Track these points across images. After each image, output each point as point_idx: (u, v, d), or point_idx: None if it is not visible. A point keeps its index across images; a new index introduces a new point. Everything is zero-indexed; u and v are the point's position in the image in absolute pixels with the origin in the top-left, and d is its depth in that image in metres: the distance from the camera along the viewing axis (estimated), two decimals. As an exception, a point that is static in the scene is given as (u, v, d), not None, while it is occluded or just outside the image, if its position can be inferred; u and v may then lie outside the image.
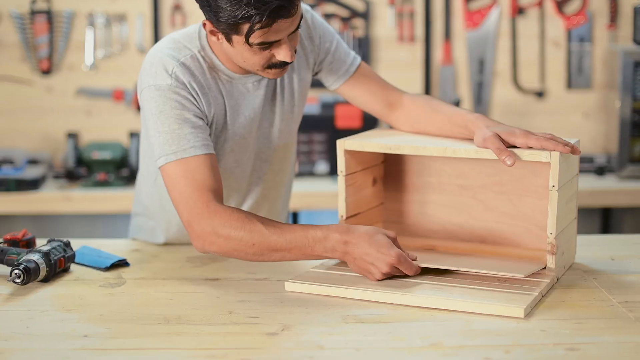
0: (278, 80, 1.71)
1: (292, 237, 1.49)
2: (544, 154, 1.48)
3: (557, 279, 1.53)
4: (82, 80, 3.57)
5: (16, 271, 1.50)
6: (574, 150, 1.51)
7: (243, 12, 1.43)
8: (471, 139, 1.60)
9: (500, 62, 3.63)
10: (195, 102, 1.59)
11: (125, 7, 3.55)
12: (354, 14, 3.59)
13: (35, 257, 1.54)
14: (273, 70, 1.57)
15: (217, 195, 1.54)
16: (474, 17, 3.60)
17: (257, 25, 1.45)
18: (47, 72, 3.55)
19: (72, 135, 3.32)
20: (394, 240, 1.52)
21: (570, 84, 3.62)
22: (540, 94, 3.63)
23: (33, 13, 3.50)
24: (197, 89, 1.59)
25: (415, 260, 1.53)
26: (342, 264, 1.61)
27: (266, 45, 1.51)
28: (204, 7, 1.50)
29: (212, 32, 1.55)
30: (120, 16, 3.55)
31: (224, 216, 1.50)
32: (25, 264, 1.52)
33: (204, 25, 1.56)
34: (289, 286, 1.51)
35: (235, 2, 1.43)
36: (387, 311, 1.39)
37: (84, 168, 3.29)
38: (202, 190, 1.52)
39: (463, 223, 1.75)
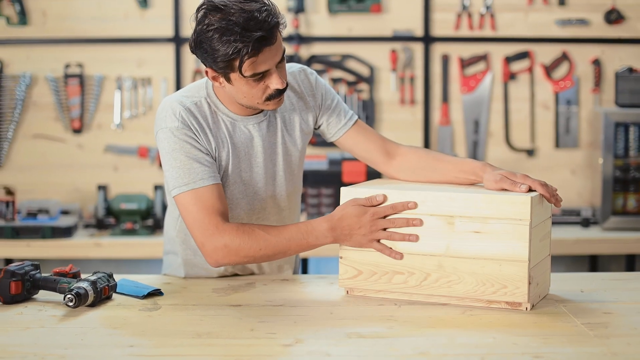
0: (279, 124, 1.97)
1: (289, 235, 1.78)
2: (522, 197, 1.74)
3: (533, 306, 1.77)
4: (110, 139, 3.78)
5: (69, 296, 1.74)
6: (557, 201, 1.83)
7: (233, 48, 1.72)
8: (472, 184, 1.89)
9: (493, 123, 3.81)
10: (199, 141, 1.86)
11: (151, 72, 3.77)
12: (360, 78, 3.79)
13: (84, 284, 1.78)
14: (272, 101, 1.84)
15: (225, 216, 1.82)
16: (470, 82, 3.80)
17: (246, 56, 1.73)
18: (78, 130, 3.76)
19: (102, 188, 3.51)
20: (366, 202, 1.80)
21: (558, 143, 3.80)
22: (530, 152, 3.81)
23: (66, 77, 3.73)
24: (199, 129, 1.87)
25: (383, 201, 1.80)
26: None
27: (258, 76, 1.78)
28: (203, 57, 1.79)
29: (214, 78, 1.83)
30: (146, 80, 3.78)
31: (231, 232, 1.78)
32: (76, 289, 1.75)
33: (206, 73, 1.83)
34: None
35: (225, 41, 1.72)
36: (384, 329, 1.64)
37: (112, 218, 3.50)
38: (211, 214, 1.80)
39: (453, 259, 1.99)
